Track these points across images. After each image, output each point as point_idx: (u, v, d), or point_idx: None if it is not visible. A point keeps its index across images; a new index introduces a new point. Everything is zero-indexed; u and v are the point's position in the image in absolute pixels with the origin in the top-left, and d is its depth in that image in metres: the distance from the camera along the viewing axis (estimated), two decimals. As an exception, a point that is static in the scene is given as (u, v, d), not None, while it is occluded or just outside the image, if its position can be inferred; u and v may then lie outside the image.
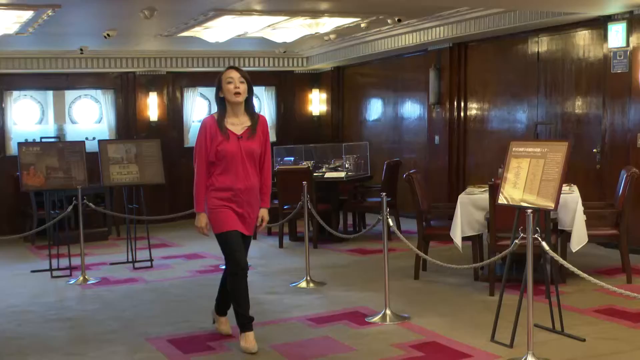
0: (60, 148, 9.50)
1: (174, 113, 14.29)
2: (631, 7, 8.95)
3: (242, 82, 5.72)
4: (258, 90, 15.35)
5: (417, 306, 7.09)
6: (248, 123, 5.80)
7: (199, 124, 5.54)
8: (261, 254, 10.40)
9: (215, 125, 5.73)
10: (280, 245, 10.78)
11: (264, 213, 5.95)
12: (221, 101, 5.81)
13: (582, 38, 10.13)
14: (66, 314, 7.36)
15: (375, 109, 14.49)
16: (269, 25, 10.47)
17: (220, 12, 9.27)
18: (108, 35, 10.61)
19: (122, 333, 6.62)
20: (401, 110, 13.66)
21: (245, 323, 5.88)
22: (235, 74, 5.73)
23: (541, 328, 6.07)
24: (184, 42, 12.08)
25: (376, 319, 6.65)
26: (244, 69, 15.20)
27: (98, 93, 13.99)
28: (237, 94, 5.69)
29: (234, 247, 5.78)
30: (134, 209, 10.06)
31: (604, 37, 9.53)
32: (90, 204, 9.41)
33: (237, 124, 5.77)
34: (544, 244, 5.24)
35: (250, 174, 5.79)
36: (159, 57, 13.67)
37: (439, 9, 10.50)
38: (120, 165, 9.60)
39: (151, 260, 9.73)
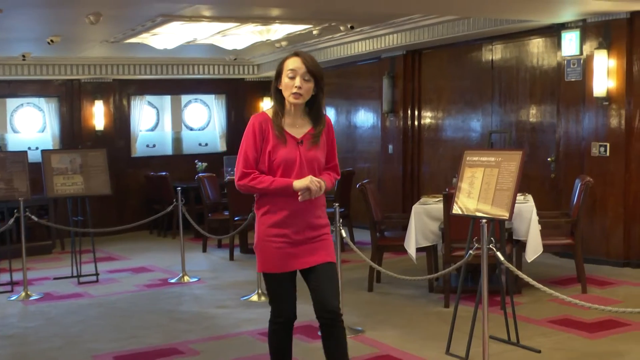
0: (2, 158, 9.34)
1: (120, 122, 14.16)
2: (584, 15, 9.11)
3: (307, 80, 4.37)
4: (208, 98, 15.31)
5: (370, 319, 7.10)
6: (309, 126, 4.51)
7: (148, 133, 5.18)
8: (211, 266, 10.35)
9: (267, 124, 4.44)
10: (231, 258, 10.73)
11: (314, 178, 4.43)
12: (279, 94, 4.49)
13: (536, 46, 10.28)
14: (7, 331, 7.23)
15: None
16: (218, 32, 10.45)
17: (168, 18, 9.22)
18: (52, 41, 10.48)
19: (67, 350, 6.52)
20: (354, 119, 13.72)
21: None
22: (300, 66, 4.39)
23: (496, 340, 6.12)
24: (131, 49, 11.99)
25: (329, 332, 6.64)
26: (193, 76, 15.13)
27: (41, 101, 13.81)
28: (297, 95, 4.38)
29: (277, 294, 4.57)
30: (79, 221, 9.95)
31: (558, 45, 9.68)
32: (33, 216, 9.26)
33: (297, 125, 4.49)
34: (498, 254, 5.29)
35: None
36: (105, 64, 13.53)
37: (392, 16, 10.56)
38: (65, 176, 9.48)
39: (97, 274, 9.62)
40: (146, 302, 8.35)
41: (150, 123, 14.89)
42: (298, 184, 4.35)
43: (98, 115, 13.80)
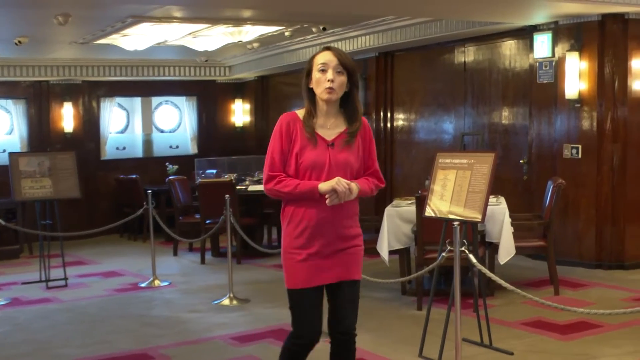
0: (-32, 161, 9.28)
1: (90, 124, 14.07)
2: (556, 17, 9.20)
3: (339, 73, 4.07)
4: (178, 100, 15.26)
5: (344, 322, 7.11)
6: (343, 127, 4.17)
7: (118, 135, 5.05)
8: (182, 270, 10.32)
9: (297, 125, 4.14)
10: (202, 261, 10.70)
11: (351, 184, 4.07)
12: (310, 93, 4.19)
13: (509, 48, 10.36)
14: (-26, 337, 7.17)
15: (300, 119, 14.50)
16: (189, 33, 10.42)
17: (138, 19, 9.19)
18: (19, 42, 10.40)
19: (36, 356, 6.47)
20: (327, 121, 13.71)
21: None
22: (332, 59, 4.10)
23: (469, 342, 6.16)
24: (101, 50, 11.93)
25: (302, 336, 6.65)
26: (163, 78, 15.03)
27: (9, 103, 13.69)
28: (330, 90, 4.06)
29: (303, 313, 4.18)
30: (47, 225, 9.87)
31: (530, 47, 9.76)
32: (1, 220, 9.19)
33: (329, 126, 4.16)
34: (471, 256, 5.32)
35: None
36: (74, 65, 13.45)
37: (365, 18, 10.60)
38: (33, 179, 9.41)
39: (66, 279, 9.54)
40: (116, 306, 8.31)
41: (120, 125, 14.82)
42: (324, 186, 4.01)
43: (67, 117, 13.71)
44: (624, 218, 9.20)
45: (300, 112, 4.18)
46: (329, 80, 4.05)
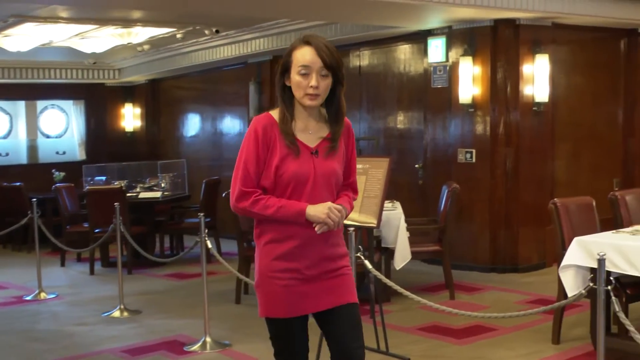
0: None
1: (-31, 129, 13.68)
2: (450, 22, 9.41)
3: (324, 77, 3.53)
4: (65, 104, 14.96)
5: (238, 332, 7.10)
6: (326, 131, 3.63)
7: (0, 141, 4.73)
8: (70, 281, 10.10)
9: (274, 130, 3.55)
10: (92, 272, 10.50)
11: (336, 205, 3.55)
12: (286, 93, 3.64)
13: (403, 52, 10.54)
14: None
15: (193, 124, 14.44)
16: (76, 34, 10.25)
17: (21, 18, 8.99)
18: None
19: None
20: (220, 126, 13.69)
21: None
22: (315, 60, 3.52)
23: (366, 349, 6.20)
24: (-19, 51, 11.61)
25: (196, 347, 6.61)
26: (49, 81, 14.67)
27: None
28: (313, 96, 3.52)
29: (285, 345, 3.75)
30: None
31: (425, 52, 9.96)
32: None
33: (311, 131, 3.61)
34: (367, 262, 5.38)
35: None
36: (-48, 67, 13.06)
37: (258, 21, 10.62)
38: None
39: (-56, 292, 9.25)
40: (-1, 321, 8.08)
41: (3, 130, 14.45)
42: (312, 211, 3.48)
43: (-56, 122, 13.30)
44: (517, 222, 9.46)
45: (275, 114, 3.62)
46: (312, 87, 3.50)
